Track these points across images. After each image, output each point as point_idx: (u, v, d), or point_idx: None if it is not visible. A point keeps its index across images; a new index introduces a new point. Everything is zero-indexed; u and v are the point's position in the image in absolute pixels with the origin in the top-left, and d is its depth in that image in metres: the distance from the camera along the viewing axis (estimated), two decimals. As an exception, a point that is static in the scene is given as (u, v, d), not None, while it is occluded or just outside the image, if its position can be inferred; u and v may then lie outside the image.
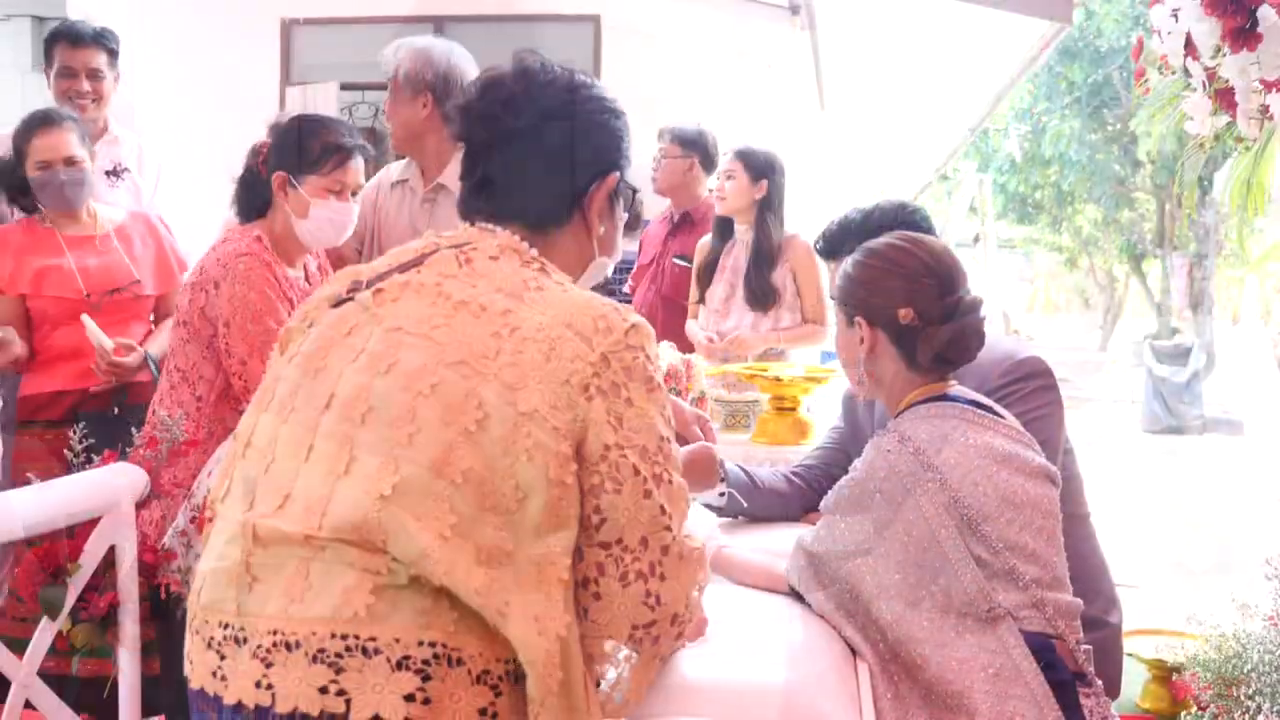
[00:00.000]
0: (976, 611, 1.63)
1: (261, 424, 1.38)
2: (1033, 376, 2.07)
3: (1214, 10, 2.14)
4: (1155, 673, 3.11)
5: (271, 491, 1.30)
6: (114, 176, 3.59)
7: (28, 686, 1.93)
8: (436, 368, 1.29)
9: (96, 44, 3.47)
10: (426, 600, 1.21)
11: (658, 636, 1.35)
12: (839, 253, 2.26)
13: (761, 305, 3.71)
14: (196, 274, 2.43)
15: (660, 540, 1.32)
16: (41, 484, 1.99)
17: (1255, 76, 2.15)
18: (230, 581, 1.28)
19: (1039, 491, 1.74)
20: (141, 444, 2.25)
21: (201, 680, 1.28)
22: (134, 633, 2.04)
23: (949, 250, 1.86)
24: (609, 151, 1.53)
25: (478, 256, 1.41)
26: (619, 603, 1.31)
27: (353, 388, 1.31)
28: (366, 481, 1.25)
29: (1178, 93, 2.51)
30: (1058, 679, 1.62)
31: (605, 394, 1.30)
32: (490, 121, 1.49)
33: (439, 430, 1.26)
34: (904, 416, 1.79)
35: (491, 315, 1.33)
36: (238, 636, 1.25)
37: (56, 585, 1.93)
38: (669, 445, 1.35)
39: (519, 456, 1.25)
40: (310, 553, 1.24)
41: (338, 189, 2.48)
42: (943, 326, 1.76)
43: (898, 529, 1.68)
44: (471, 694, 1.21)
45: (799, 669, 1.61)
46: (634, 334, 1.35)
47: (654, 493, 1.31)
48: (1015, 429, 1.80)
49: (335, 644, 1.20)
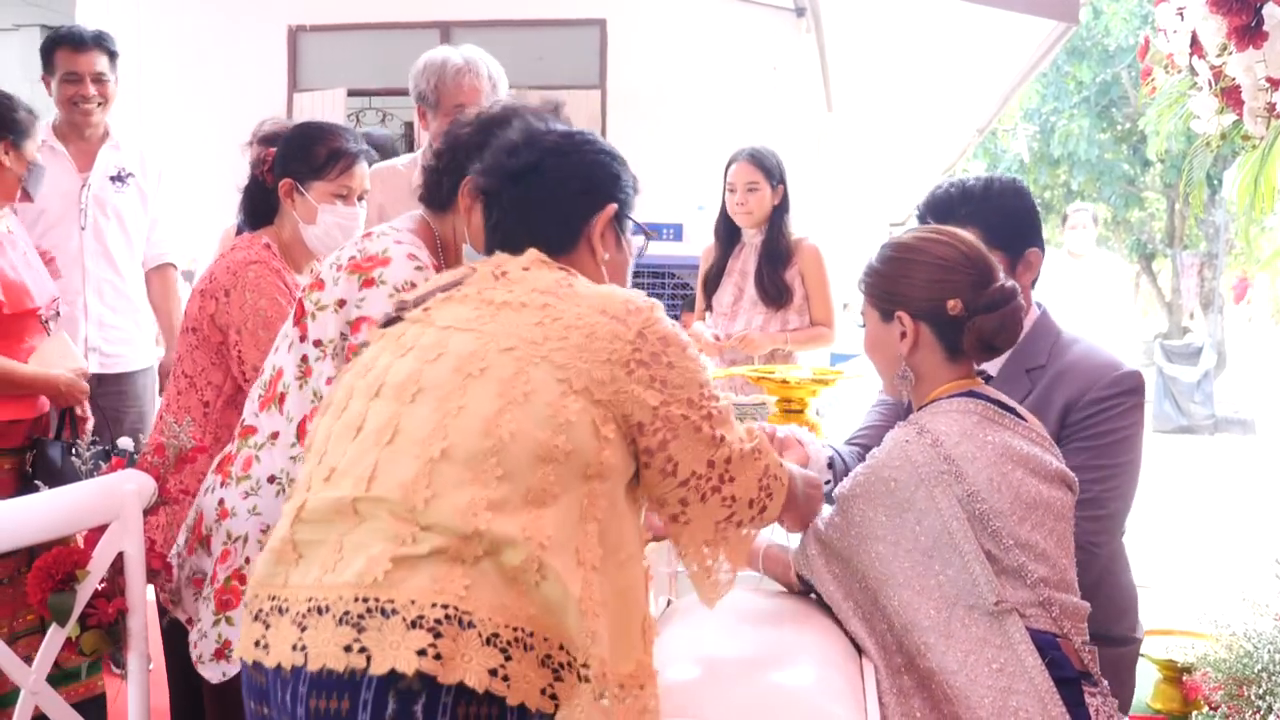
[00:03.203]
0: (983, 605, 1.63)
1: (319, 427, 1.54)
2: (1134, 392, 2.05)
3: (1219, 9, 2.13)
4: (1166, 673, 3.09)
5: (322, 471, 1.45)
6: (119, 181, 3.61)
7: (37, 694, 1.94)
8: (487, 353, 1.44)
9: (98, 47, 3.48)
10: (441, 568, 1.32)
11: (740, 521, 1.59)
12: (950, 219, 2.08)
13: (775, 303, 3.71)
14: (206, 282, 2.43)
15: (721, 456, 1.53)
16: (50, 491, 2.00)
17: (1261, 75, 2.14)
18: (279, 559, 1.42)
19: (1053, 494, 1.73)
20: (149, 450, 2.26)
21: (244, 651, 1.41)
22: (142, 638, 2.05)
23: (978, 241, 1.85)
24: (605, 184, 1.70)
25: (511, 269, 1.57)
26: (703, 513, 1.55)
27: (403, 375, 1.46)
28: (417, 446, 1.39)
29: (1184, 91, 2.50)
30: (1062, 676, 1.62)
31: (646, 364, 1.47)
32: (497, 170, 1.67)
33: (488, 401, 1.40)
34: (926, 410, 1.79)
35: (533, 309, 1.48)
36: (281, 607, 1.38)
37: (65, 592, 1.94)
38: (709, 386, 1.55)
39: (567, 419, 1.40)
40: (349, 526, 1.37)
41: (344, 193, 2.50)
42: (989, 315, 1.75)
43: (909, 519, 1.68)
44: (482, 654, 1.30)
45: (804, 669, 1.62)
46: (658, 309, 1.53)
47: (703, 427, 1.51)
48: (1037, 432, 1.79)
49: (358, 606, 1.31)
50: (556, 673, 1.35)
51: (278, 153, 2.53)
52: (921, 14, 5.90)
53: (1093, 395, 2.00)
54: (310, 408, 2.01)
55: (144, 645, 2.05)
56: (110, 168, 3.60)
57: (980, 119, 9.63)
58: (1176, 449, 9.69)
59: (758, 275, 3.75)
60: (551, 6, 6.42)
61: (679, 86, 6.28)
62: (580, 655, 1.35)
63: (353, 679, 1.29)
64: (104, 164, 3.59)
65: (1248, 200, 2.44)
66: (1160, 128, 2.67)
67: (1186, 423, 10.90)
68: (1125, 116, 14.74)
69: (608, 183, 1.70)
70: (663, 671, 1.51)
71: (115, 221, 3.61)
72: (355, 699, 1.29)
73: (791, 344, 3.71)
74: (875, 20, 6.43)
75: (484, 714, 1.31)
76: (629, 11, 6.40)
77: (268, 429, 2.06)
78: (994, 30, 5.99)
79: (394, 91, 6.82)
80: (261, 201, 2.55)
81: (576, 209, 1.66)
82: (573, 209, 1.66)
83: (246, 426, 2.10)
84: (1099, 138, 14.93)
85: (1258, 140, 2.31)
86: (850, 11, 6.17)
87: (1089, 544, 1.93)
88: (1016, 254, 2.11)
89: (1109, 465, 2.00)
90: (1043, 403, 1.98)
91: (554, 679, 1.34)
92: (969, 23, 5.78)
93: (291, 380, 2.03)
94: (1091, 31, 13.98)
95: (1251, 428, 10.87)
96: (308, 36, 6.70)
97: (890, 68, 7.41)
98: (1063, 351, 2.09)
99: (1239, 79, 2.19)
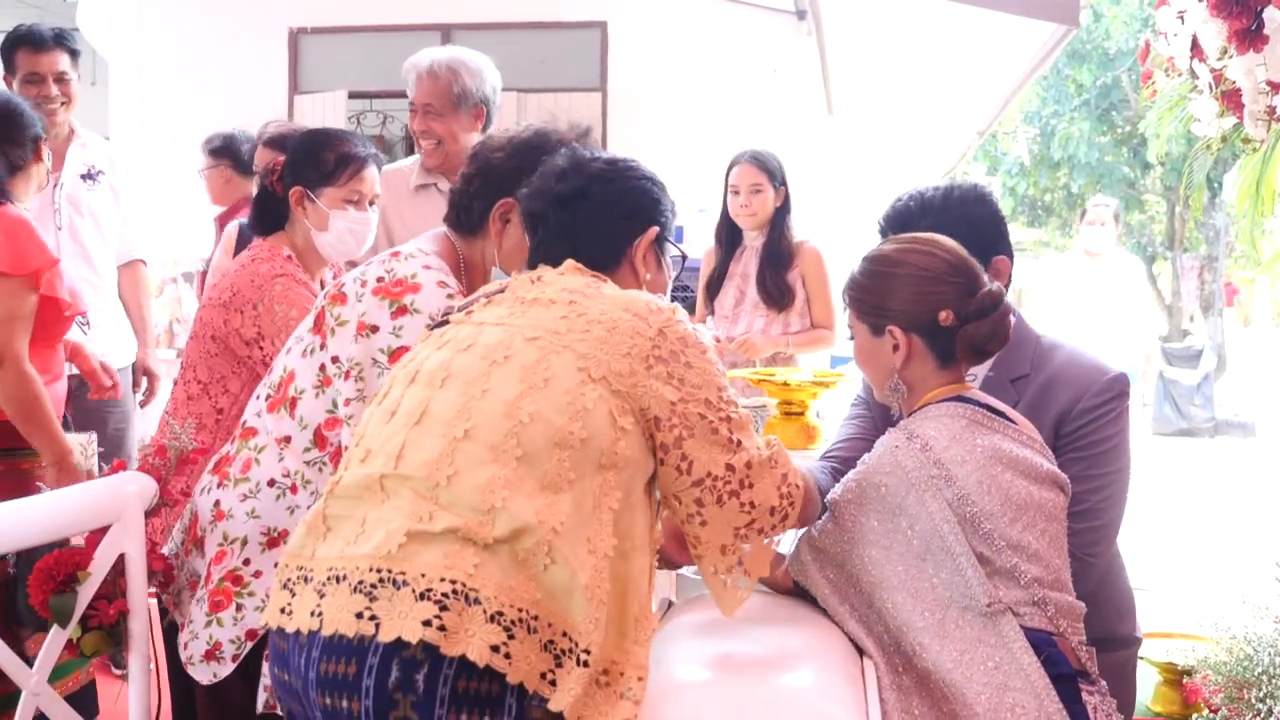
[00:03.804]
0: (977, 605, 1.64)
1: (365, 415, 1.64)
2: (1124, 396, 2.04)
3: (1220, 12, 2.13)
4: (1166, 676, 3.10)
5: (359, 452, 1.54)
6: (89, 180, 3.57)
7: (38, 695, 1.94)
8: (513, 341, 1.53)
9: (59, 46, 3.44)
10: (453, 546, 1.39)
11: (761, 528, 1.61)
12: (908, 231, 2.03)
13: (777, 305, 3.72)
14: (229, 293, 2.40)
15: (740, 460, 1.57)
16: (51, 493, 2.00)
17: (1262, 78, 2.14)
18: (310, 531, 1.51)
19: (1045, 496, 1.74)
20: (151, 452, 2.26)
21: (270, 617, 1.49)
22: (144, 639, 2.05)
23: (957, 245, 1.85)
24: (647, 209, 1.78)
25: (546, 274, 1.66)
26: (720, 517, 1.57)
27: (436, 364, 1.57)
28: (442, 426, 1.47)
29: (1185, 95, 2.51)
30: (1059, 673, 1.62)
31: (665, 360, 1.54)
32: (545, 194, 1.76)
33: (511, 385, 1.49)
34: (916, 415, 1.79)
35: (560, 305, 1.57)
36: (306, 576, 1.46)
37: (66, 593, 1.94)
38: (727, 391, 1.60)
39: (584, 406, 1.47)
40: (375, 502, 1.46)
41: (355, 199, 2.48)
42: (981, 322, 1.76)
43: (901, 523, 1.69)
44: (486, 631, 1.35)
45: (804, 670, 1.62)
46: (679, 312, 1.61)
47: (720, 429, 1.56)
48: (1028, 434, 1.80)
49: (371, 576, 1.38)
50: (558, 659, 1.38)
51: (286, 161, 2.52)
52: (922, 17, 5.91)
53: (1085, 404, 2.00)
54: (327, 416, 2.01)
55: (145, 647, 2.06)
56: (80, 166, 3.56)
57: (980, 122, 9.65)
58: (1176, 452, 9.69)
59: (759, 277, 3.75)
60: (552, 9, 6.42)
61: (680, 89, 6.28)
62: (583, 641, 1.39)
63: (361, 645, 1.36)
64: (74, 163, 3.55)
65: (1248, 203, 2.44)
66: (1161, 131, 2.67)
67: (1186, 425, 10.89)
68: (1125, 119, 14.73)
69: (650, 207, 1.78)
70: (663, 672, 1.52)
71: (90, 220, 3.57)
72: (361, 664, 1.35)
73: (793, 347, 3.72)
74: (876, 23, 6.43)
75: (484, 689, 1.36)
76: (630, 14, 6.40)
77: (274, 432, 2.05)
78: (994, 33, 6.00)
79: (395, 94, 6.79)
80: (272, 209, 2.53)
81: (620, 232, 1.74)
82: (616, 232, 1.74)
83: (248, 428, 2.10)
84: (1099, 140, 14.91)
85: (1258, 143, 2.31)
86: (851, 14, 6.18)
87: (1085, 555, 1.93)
88: (983, 262, 2.00)
89: (1103, 474, 2.00)
90: (1033, 413, 1.95)
91: (555, 664, 1.38)
92: (969, 25, 5.79)
93: (308, 386, 2.03)
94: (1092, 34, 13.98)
95: (1252, 430, 10.86)
96: (308, 38, 6.71)
97: (891, 70, 7.42)
98: (1046, 358, 2.06)
99: (1239, 82, 2.19)
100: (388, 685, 1.34)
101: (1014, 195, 16.51)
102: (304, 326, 2.09)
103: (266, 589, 2.01)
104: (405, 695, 1.34)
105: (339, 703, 1.36)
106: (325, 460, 2.02)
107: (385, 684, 1.34)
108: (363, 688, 1.34)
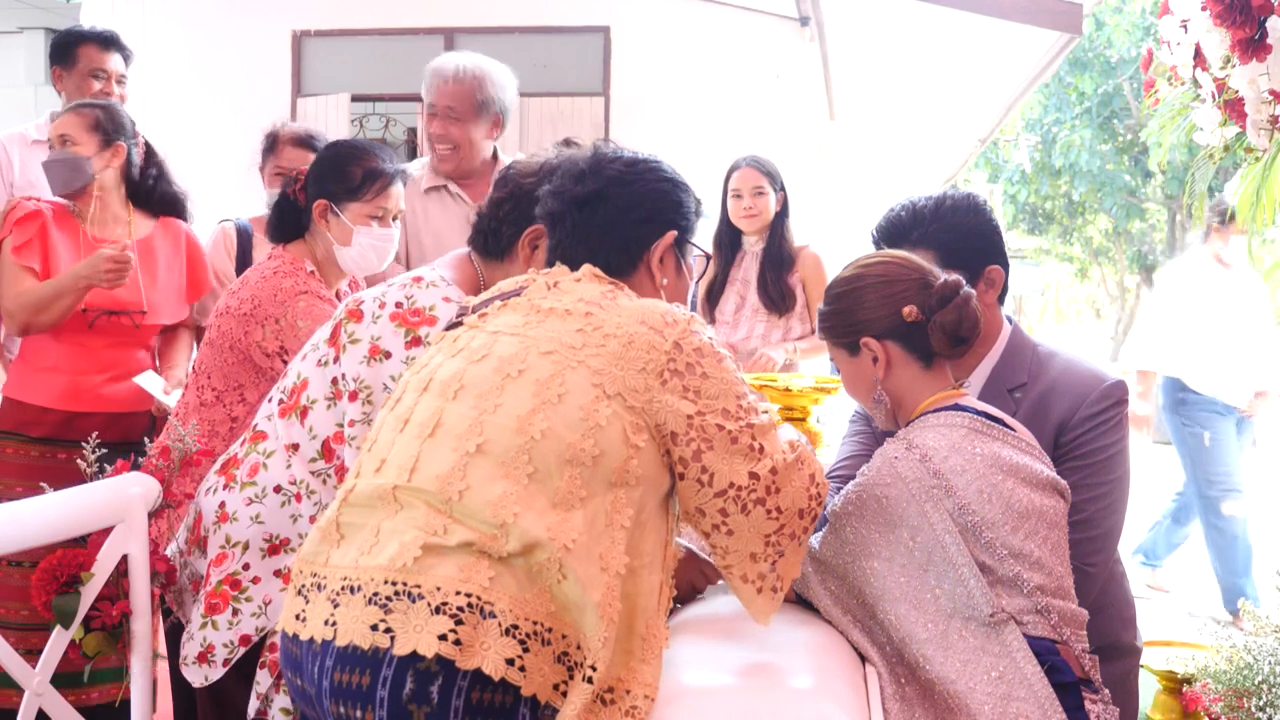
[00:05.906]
0: (980, 615, 1.64)
1: (378, 419, 1.63)
2: (1122, 403, 2.04)
3: (1223, 21, 2.14)
4: (1166, 684, 3.09)
5: (373, 461, 1.54)
6: None
7: (41, 695, 1.94)
8: (528, 355, 1.52)
9: (119, 48, 3.50)
10: (468, 559, 1.39)
11: (792, 532, 1.58)
12: (903, 242, 2.06)
13: (778, 310, 3.73)
14: (249, 305, 2.38)
15: (763, 467, 1.54)
16: (55, 493, 2.00)
17: (1265, 87, 2.15)
18: (324, 538, 1.51)
19: (1045, 502, 1.74)
20: (155, 453, 2.26)
21: (285, 623, 1.50)
22: (146, 641, 2.05)
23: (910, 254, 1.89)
24: (666, 212, 1.76)
25: (564, 280, 1.65)
26: (748, 526, 1.55)
27: (449, 373, 1.55)
28: (455, 440, 1.47)
29: (1187, 104, 2.51)
30: (1061, 681, 1.62)
31: (681, 374, 1.52)
32: (563, 195, 1.74)
33: (524, 400, 1.47)
34: (913, 425, 1.80)
35: (576, 317, 1.55)
36: (319, 584, 1.47)
37: (69, 594, 1.94)
38: (747, 398, 1.57)
39: (598, 423, 1.46)
40: (389, 512, 1.46)
41: (380, 215, 2.47)
42: (946, 310, 1.78)
43: (903, 534, 1.69)
44: (500, 644, 1.36)
45: (807, 676, 1.62)
46: (695, 322, 1.58)
47: (741, 438, 1.53)
48: (1027, 441, 1.80)
49: (387, 589, 1.38)
50: (570, 671, 1.39)
51: (311, 172, 2.50)
52: (925, 24, 5.91)
53: (1084, 412, 2.00)
54: (336, 430, 2.02)
55: (147, 648, 2.06)
56: None
57: (982, 129, 9.65)
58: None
59: (760, 282, 3.77)
60: (556, 13, 6.43)
61: (682, 94, 6.28)
62: (590, 657, 1.39)
63: (376, 656, 1.36)
64: None
65: (1249, 212, 2.45)
66: (1163, 139, 2.67)
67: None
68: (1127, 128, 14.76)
69: (669, 210, 1.76)
70: (668, 676, 1.52)
71: None
72: (376, 675, 1.36)
73: (800, 355, 3.73)
74: (878, 30, 6.44)
75: (498, 701, 1.36)
76: (633, 19, 6.40)
77: (283, 438, 2.06)
78: (997, 41, 6.01)
79: (398, 97, 6.83)
80: (291, 218, 2.51)
81: (637, 236, 1.73)
82: (633, 236, 1.72)
83: (258, 431, 2.10)
84: (1100, 149, 14.94)
85: (1260, 153, 2.32)
86: (854, 21, 6.19)
87: (1085, 565, 1.93)
88: (976, 272, 2.04)
89: (1102, 483, 2.00)
90: (1033, 423, 1.95)
91: (568, 676, 1.39)
92: (972, 33, 5.80)
93: (320, 397, 2.03)
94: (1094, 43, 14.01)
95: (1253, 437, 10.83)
96: (312, 42, 6.71)
97: (893, 77, 7.43)
98: (1043, 367, 2.06)
99: (1242, 91, 2.20)
100: (402, 697, 1.34)
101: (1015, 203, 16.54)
102: (320, 335, 2.09)
103: (264, 595, 2.02)
104: (420, 707, 1.34)
105: (353, 712, 1.37)
106: (330, 473, 2.03)
107: (400, 695, 1.34)
108: (377, 698, 1.35)
